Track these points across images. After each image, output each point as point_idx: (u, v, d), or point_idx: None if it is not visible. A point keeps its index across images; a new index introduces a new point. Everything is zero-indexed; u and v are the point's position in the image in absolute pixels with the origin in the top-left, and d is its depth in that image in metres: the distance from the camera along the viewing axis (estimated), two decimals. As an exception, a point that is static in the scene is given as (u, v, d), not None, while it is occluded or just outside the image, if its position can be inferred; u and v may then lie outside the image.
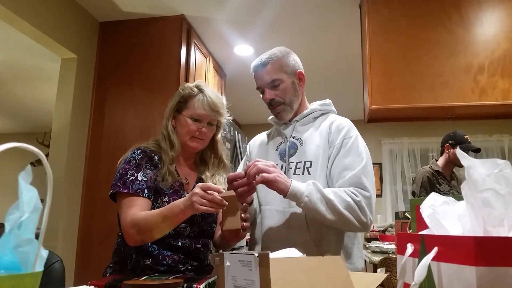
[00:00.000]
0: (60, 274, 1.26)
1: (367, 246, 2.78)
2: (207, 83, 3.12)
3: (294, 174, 1.35)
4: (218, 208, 1.12)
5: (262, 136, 1.60)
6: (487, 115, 2.54)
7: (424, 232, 0.59)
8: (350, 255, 1.33)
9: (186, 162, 1.45)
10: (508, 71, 2.28)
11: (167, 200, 1.30)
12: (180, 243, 1.30)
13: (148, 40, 3.04)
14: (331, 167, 1.32)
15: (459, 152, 0.54)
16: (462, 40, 2.36)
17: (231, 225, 1.16)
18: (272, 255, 0.65)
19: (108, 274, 1.33)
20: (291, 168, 1.37)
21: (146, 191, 1.27)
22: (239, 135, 3.56)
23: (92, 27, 3.06)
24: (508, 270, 0.43)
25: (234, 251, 0.81)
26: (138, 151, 1.35)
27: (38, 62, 3.84)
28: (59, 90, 2.85)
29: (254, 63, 1.45)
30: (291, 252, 0.87)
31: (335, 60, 3.81)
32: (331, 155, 1.33)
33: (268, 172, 1.17)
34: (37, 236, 0.49)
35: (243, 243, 3.14)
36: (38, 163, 4.68)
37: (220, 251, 1.45)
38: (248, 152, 1.58)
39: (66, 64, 2.88)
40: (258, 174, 1.16)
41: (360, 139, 1.35)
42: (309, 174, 1.33)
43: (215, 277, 1.03)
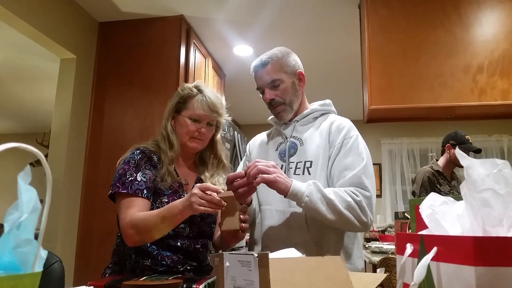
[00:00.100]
0: (60, 274, 1.26)
1: (367, 246, 2.78)
2: (206, 84, 3.12)
3: (294, 174, 1.35)
4: (217, 208, 1.12)
5: (262, 136, 1.59)
6: (486, 115, 2.54)
7: (423, 232, 0.59)
8: (350, 255, 1.33)
9: (186, 163, 1.45)
10: (507, 71, 2.28)
11: (166, 201, 1.30)
12: (179, 244, 1.30)
13: (147, 41, 3.04)
14: (331, 167, 1.32)
15: (458, 152, 0.55)
16: (461, 40, 2.36)
17: (230, 225, 1.16)
18: (271, 256, 0.65)
19: (107, 275, 1.33)
20: (291, 168, 1.37)
21: (145, 191, 1.27)
22: (239, 135, 3.56)
23: (91, 27, 3.06)
24: (508, 270, 0.43)
25: (233, 252, 0.81)
26: (137, 152, 1.35)
27: (37, 63, 3.84)
28: (59, 90, 2.85)
29: (254, 63, 1.45)
30: (291, 253, 0.87)
31: (334, 60, 3.81)
32: (331, 155, 1.33)
33: (268, 173, 1.17)
34: (36, 237, 0.49)
35: (242, 243, 3.14)
36: (37, 163, 4.68)
37: (220, 251, 1.45)
38: (248, 152, 1.58)
39: (66, 64, 2.88)
40: (258, 175, 1.16)
41: (360, 139, 1.36)
42: (309, 174, 1.33)
43: (214, 277, 1.03)
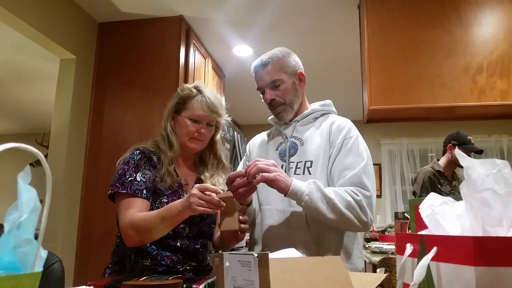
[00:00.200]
0: (60, 274, 1.26)
1: (367, 246, 2.78)
2: (206, 84, 3.11)
3: (295, 174, 1.35)
4: (216, 209, 1.12)
5: (262, 136, 1.59)
6: (485, 116, 2.54)
7: (423, 232, 0.59)
8: (350, 255, 1.33)
9: (185, 163, 1.45)
10: (507, 71, 2.28)
11: (165, 201, 1.30)
12: (178, 244, 1.30)
13: (147, 41, 3.04)
14: (331, 167, 1.32)
15: (457, 152, 0.55)
16: (460, 41, 2.36)
17: (229, 226, 1.16)
18: (271, 256, 0.65)
19: (107, 275, 1.33)
20: (292, 168, 1.37)
21: (144, 191, 1.27)
22: (238, 135, 3.56)
23: (91, 28, 3.06)
24: (507, 270, 0.43)
25: (233, 252, 0.81)
26: (137, 152, 1.35)
27: (37, 63, 3.84)
28: (58, 91, 2.85)
29: (254, 63, 1.45)
30: (291, 253, 0.87)
31: (334, 60, 3.81)
32: (331, 155, 1.33)
33: (268, 171, 1.17)
34: (36, 237, 0.49)
35: (242, 243, 3.14)
36: (37, 163, 4.68)
37: (219, 251, 1.45)
38: (248, 152, 1.58)
39: (65, 65, 2.87)
40: (258, 174, 1.16)
41: (360, 139, 1.36)
42: (309, 174, 1.33)
43: (214, 277, 1.03)
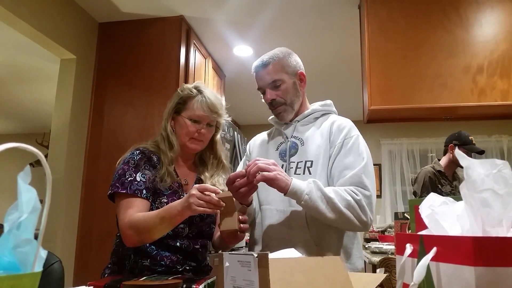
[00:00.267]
0: (59, 274, 1.26)
1: (367, 246, 2.78)
2: (206, 84, 3.11)
3: (295, 174, 1.35)
4: (216, 209, 1.12)
5: (263, 135, 1.59)
6: (486, 116, 2.54)
7: (423, 232, 0.59)
8: (349, 255, 1.33)
9: (185, 163, 1.45)
10: (507, 71, 2.28)
11: (165, 201, 1.30)
12: (178, 244, 1.30)
13: (147, 41, 3.04)
14: (331, 167, 1.32)
15: (457, 152, 0.55)
16: (461, 41, 2.36)
17: (229, 225, 1.16)
18: (271, 256, 0.65)
19: (106, 275, 1.33)
20: (292, 167, 1.37)
21: (144, 191, 1.27)
22: (239, 135, 3.56)
23: (91, 28, 3.06)
24: (507, 270, 0.43)
25: (233, 252, 0.81)
26: (137, 152, 1.35)
27: (37, 63, 3.84)
28: (58, 91, 2.85)
29: (255, 63, 1.45)
30: (291, 253, 0.87)
31: (334, 60, 3.81)
32: (331, 154, 1.33)
33: (268, 171, 1.17)
34: (36, 237, 0.49)
35: (242, 243, 3.13)
36: (37, 163, 4.68)
37: (219, 252, 1.45)
38: (248, 152, 1.58)
39: (65, 65, 2.88)
40: (258, 173, 1.16)
41: (361, 139, 1.36)
42: (309, 173, 1.33)
43: (214, 277, 1.03)
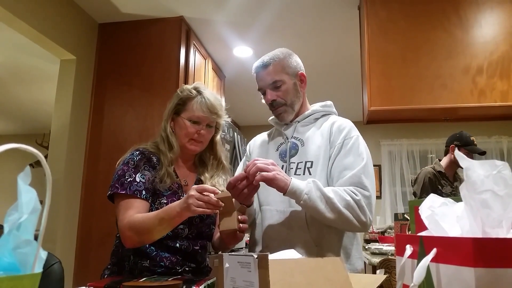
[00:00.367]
0: (59, 275, 1.26)
1: (366, 247, 2.78)
2: (206, 85, 3.11)
3: (295, 175, 1.35)
4: (215, 209, 1.12)
5: (263, 136, 1.59)
6: (485, 117, 2.54)
7: (423, 233, 0.59)
8: (349, 256, 1.33)
9: (185, 164, 1.45)
10: (507, 72, 2.28)
11: (165, 202, 1.30)
12: (178, 245, 1.30)
13: (147, 42, 3.04)
14: (331, 167, 1.32)
15: (457, 153, 0.55)
16: (460, 42, 2.36)
17: (228, 225, 1.16)
18: (271, 257, 0.65)
19: (106, 276, 1.33)
20: (292, 168, 1.37)
21: (143, 192, 1.27)
22: (238, 136, 3.56)
23: (91, 28, 3.06)
24: (507, 271, 0.43)
25: (233, 253, 0.81)
26: (137, 153, 1.35)
27: (37, 64, 3.84)
28: (58, 91, 2.85)
29: (256, 64, 1.45)
30: (290, 254, 0.87)
31: (334, 61, 3.81)
32: (331, 155, 1.34)
33: (267, 171, 1.17)
34: (36, 238, 0.49)
35: (242, 244, 3.14)
36: (37, 164, 4.68)
37: (219, 252, 1.45)
38: (248, 152, 1.58)
39: (65, 65, 2.88)
40: (258, 173, 1.17)
41: (361, 140, 1.36)
42: (309, 174, 1.33)
43: (214, 278, 1.03)
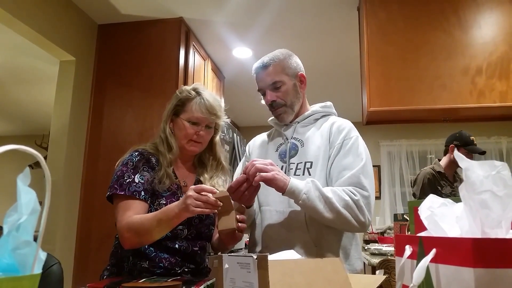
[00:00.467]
0: (58, 276, 1.25)
1: (366, 248, 2.78)
2: (205, 86, 3.11)
3: (295, 175, 1.35)
4: (213, 209, 1.12)
5: (262, 136, 1.59)
6: (485, 117, 2.54)
7: (422, 234, 0.59)
8: (348, 256, 1.33)
9: (184, 165, 1.45)
10: (506, 73, 2.29)
11: (164, 203, 1.30)
12: (177, 246, 1.30)
13: (146, 43, 3.04)
14: (330, 167, 1.32)
15: (456, 154, 0.55)
16: (460, 43, 2.36)
17: (227, 225, 1.16)
18: (270, 257, 0.65)
19: (105, 277, 1.32)
20: (292, 169, 1.37)
21: (142, 193, 1.27)
22: (238, 137, 3.56)
23: (90, 29, 3.06)
24: (506, 271, 0.44)
25: (232, 253, 0.81)
26: (136, 153, 1.35)
27: (36, 65, 3.84)
28: (58, 92, 2.85)
29: (255, 65, 1.45)
30: (290, 254, 0.87)
31: (333, 62, 3.82)
32: (331, 155, 1.34)
33: (266, 171, 1.18)
34: (35, 239, 0.49)
35: (242, 244, 3.13)
36: (36, 165, 4.67)
37: (219, 253, 1.45)
38: (248, 153, 1.58)
39: (65, 66, 2.88)
40: (257, 174, 1.17)
41: (360, 140, 1.36)
42: (309, 174, 1.34)
43: (213, 279, 1.03)
